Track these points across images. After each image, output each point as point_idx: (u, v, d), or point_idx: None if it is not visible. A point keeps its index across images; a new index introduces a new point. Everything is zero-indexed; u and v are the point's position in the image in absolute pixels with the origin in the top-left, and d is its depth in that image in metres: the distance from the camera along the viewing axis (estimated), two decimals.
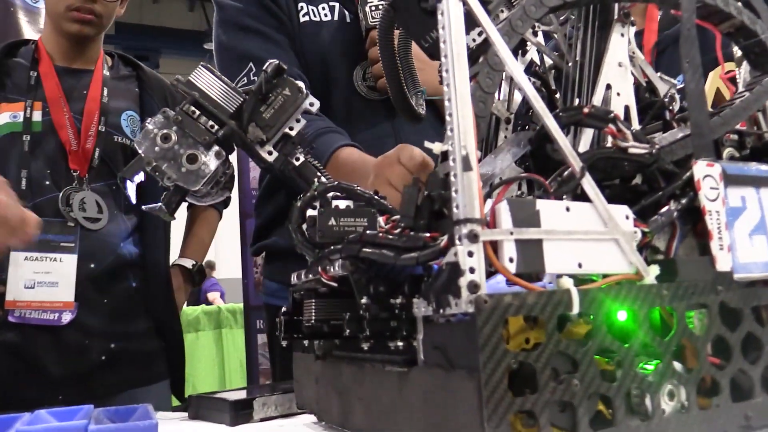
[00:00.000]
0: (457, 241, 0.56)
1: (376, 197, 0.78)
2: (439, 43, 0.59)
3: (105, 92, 1.70)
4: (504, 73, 0.98)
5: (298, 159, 0.83)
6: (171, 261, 1.86)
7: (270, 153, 0.82)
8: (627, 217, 0.65)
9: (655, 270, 0.65)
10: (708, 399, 0.66)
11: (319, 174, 0.82)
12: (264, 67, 0.82)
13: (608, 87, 0.78)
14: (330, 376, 0.82)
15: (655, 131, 0.81)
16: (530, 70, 1.02)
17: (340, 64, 1.39)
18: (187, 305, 6.14)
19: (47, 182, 1.58)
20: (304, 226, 0.76)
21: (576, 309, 0.59)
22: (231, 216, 2.29)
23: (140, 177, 0.84)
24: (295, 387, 0.95)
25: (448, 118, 0.58)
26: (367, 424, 0.73)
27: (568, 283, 0.60)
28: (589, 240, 0.62)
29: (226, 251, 5.72)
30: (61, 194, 1.56)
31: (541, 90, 1.00)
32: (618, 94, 0.78)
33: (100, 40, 1.75)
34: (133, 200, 1.79)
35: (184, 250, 1.94)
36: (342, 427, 0.82)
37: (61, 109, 1.62)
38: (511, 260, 0.57)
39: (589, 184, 0.62)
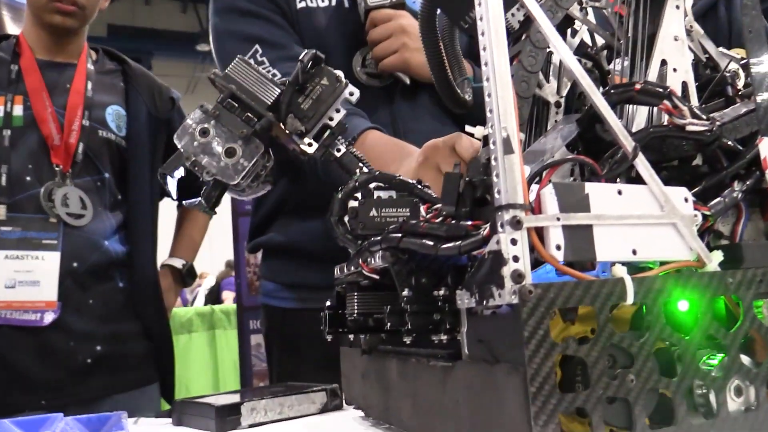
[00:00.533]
0: (499, 228, 0.53)
1: (418, 186, 0.75)
2: (476, 21, 0.56)
3: (89, 86, 1.63)
4: (552, 54, 0.94)
5: (339, 150, 0.82)
6: (160, 261, 1.80)
7: (310, 144, 0.81)
8: (686, 200, 0.60)
9: (718, 256, 0.60)
10: None
11: (360, 165, 0.81)
12: (300, 57, 0.81)
13: (663, 63, 0.73)
14: (376, 371, 0.80)
15: (718, 109, 0.76)
16: (581, 51, 0.97)
17: (339, 51, 1.33)
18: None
19: (28, 178, 1.52)
20: (346, 218, 0.74)
21: (630, 299, 0.55)
22: (223, 214, 2.25)
23: (180, 172, 0.83)
24: (343, 382, 0.93)
25: (487, 99, 0.54)
26: (412, 420, 0.70)
27: (621, 271, 0.56)
28: (644, 225, 0.58)
29: (218, 251, 5.63)
30: (42, 189, 1.50)
31: (593, 71, 0.95)
32: (674, 70, 0.73)
33: (84, 34, 1.69)
34: (175, 196, 1.75)
35: (173, 250, 1.88)
36: (388, 423, 0.80)
37: (43, 103, 1.56)
38: (558, 248, 0.54)
39: (642, 164, 0.58)
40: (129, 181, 1.67)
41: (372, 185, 0.75)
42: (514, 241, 0.52)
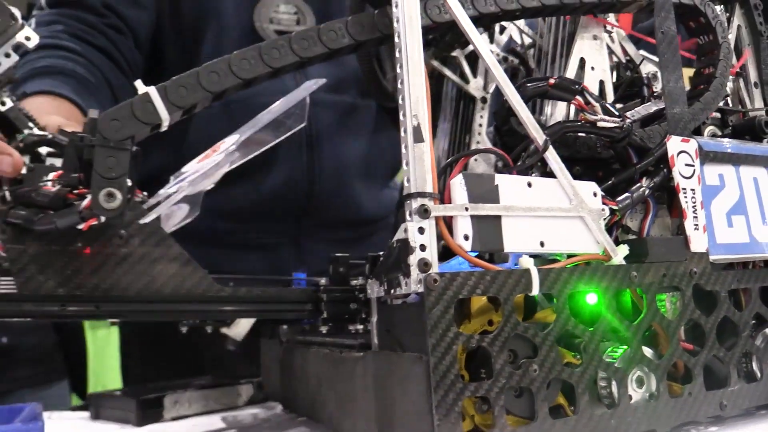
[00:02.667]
0: (407, 217, 0.53)
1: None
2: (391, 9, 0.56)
3: None
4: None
5: (3, 103, 0.67)
6: None
7: None
8: (594, 194, 0.61)
9: (624, 250, 0.62)
10: (681, 387, 0.63)
11: (30, 124, 0.67)
12: None
13: (582, 61, 0.75)
14: (293, 363, 0.79)
15: (632, 108, 0.78)
16: (509, 48, 0.98)
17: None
18: None
19: None
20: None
21: (536, 290, 0.55)
22: None
23: None
24: (263, 374, 0.92)
25: (399, 86, 0.54)
26: (327, 411, 0.70)
27: (528, 262, 0.56)
28: (552, 217, 0.58)
29: None
30: None
31: (519, 69, 0.96)
32: (592, 68, 0.75)
33: None
34: None
35: None
36: (305, 415, 0.79)
37: None
38: (466, 238, 0.54)
39: (552, 158, 0.59)
40: None
41: (44, 150, 0.64)
42: (421, 230, 0.52)
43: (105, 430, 0.85)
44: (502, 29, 0.98)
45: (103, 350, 3.42)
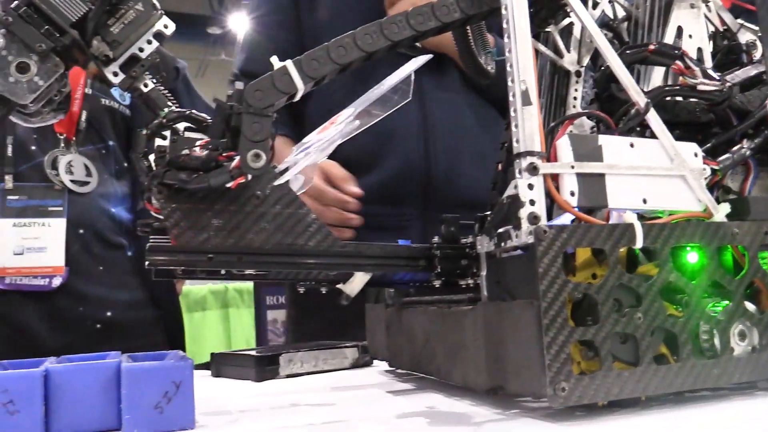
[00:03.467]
0: (517, 174, 0.57)
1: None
2: None
3: None
4: (573, 27, 0.97)
5: (146, 85, 0.73)
6: None
7: (116, 74, 0.71)
8: (695, 155, 0.64)
9: (725, 208, 0.64)
10: None
11: (169, 103, 0.73)
12: None
13: (679, 30, 0.77)
14: (399, 322, 0.85)
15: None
16: (602, 22, 1.00)
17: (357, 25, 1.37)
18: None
19: (33, 147, 1.53)
20: (152, 157, 0.68)
21: (639, 243, 0.59)
22: None
23: None
24: (368, 337, 0.98)
25: (507, 54, 0.59)
26: (436, 364, 0.75)
27: (631, 217, 0.59)
28: (654, 176, 0.61)
29: None
30: (46, 157, 1.51)
31: (613, 42, 0.98)
32: (690, 36, 0.76)
33: None
34: None
35: None
36: (412, 370, 0.84)
37: None
38: (572, 194, 0.58)
39: (654, 119, 0.62)
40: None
41: (181, 126, 0.69)
42: (530, 186, 0.57)
43: (228, 385, 0.93)
44: (595, 4, 1.00)
45: (198, 333, 3.60)
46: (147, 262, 0.59)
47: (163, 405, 0.60)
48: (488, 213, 0.65)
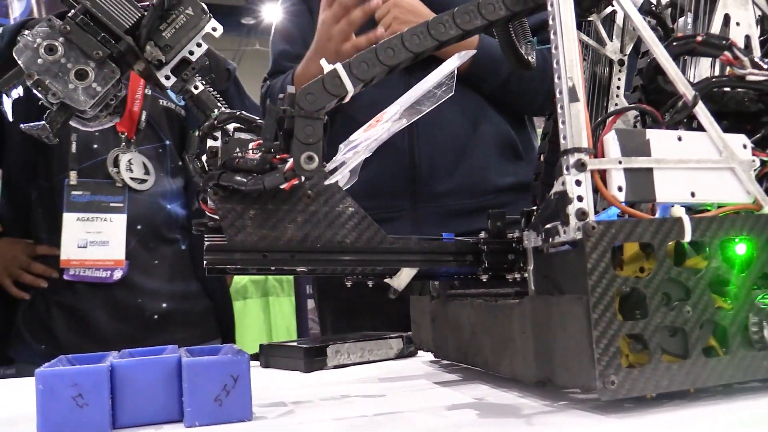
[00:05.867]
0: (564, 171, 0.58)
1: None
2: None
3: None
4: (616, 15, 0.97)
5: (196, 87, 0.74)
6: None
7: (168, 77, 0.74)
8: (744, 146, 0.63)
9: None
10: None
11: (219, 105, 0.75)
12: None
13: (726, 18, 0.76)
14: (445, 314, 0.86)
15: None
16: (645, 9, 0.99)
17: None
18: None
19: (96, 145, 1.60)
20: (204, 158, 0.70)
21: (688, 237, 0.59)
22: None
23: (19, 92, 0.74)
24: (413, 328, 1.00)
25: (554, 51, 0.59)
26: (483, 356, 0.76)
27: (680, 211, 0.60)
28: (702, 169, 0.61)
29: None
30: (109, 155, 1.59)
31: (657, 29, 0.97)
32: (737, 24, 0.75)
33: None
34: (10, 118, 1.67)
35: None
36: (458, 361, 0.86)
37: None
38: (620, 189, 0.58)
39: (702, 112, 0.61)
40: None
41: (231, 126, 0.71)
42: (578, 183, 0.57)
43: (278, 376, 0.96)
44: None
45: (240, 322, 3.67)
46: (205, 262, 0.61)
47: (222, 398, 0.62)
48: (534, 208, 0.66)
